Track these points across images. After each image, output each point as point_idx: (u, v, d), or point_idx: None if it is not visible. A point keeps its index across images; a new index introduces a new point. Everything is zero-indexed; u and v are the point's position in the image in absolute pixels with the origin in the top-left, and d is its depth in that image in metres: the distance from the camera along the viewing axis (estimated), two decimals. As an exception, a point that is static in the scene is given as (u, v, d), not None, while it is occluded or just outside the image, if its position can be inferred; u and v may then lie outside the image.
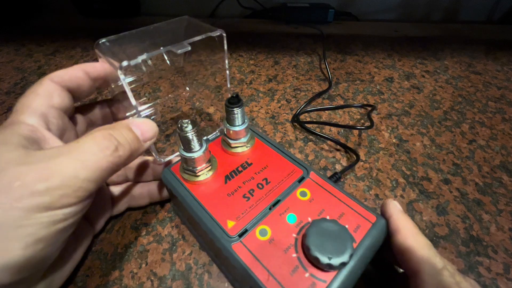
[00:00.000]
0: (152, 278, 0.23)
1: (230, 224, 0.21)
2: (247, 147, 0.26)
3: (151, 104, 0.37)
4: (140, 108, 0.23)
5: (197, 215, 0.21)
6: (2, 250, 0.13)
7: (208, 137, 0.28)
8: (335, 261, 0.17)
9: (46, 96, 0.20)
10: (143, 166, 0.25)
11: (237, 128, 0.25)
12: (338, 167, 0.33)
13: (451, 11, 0.76)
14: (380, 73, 0.52)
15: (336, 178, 0.30)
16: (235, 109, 0.24)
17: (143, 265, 0.23)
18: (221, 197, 0.23)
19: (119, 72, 0.19)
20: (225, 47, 0.26)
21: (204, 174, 0.24)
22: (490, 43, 0.62)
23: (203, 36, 0.24)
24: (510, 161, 0.35)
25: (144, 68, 0.29)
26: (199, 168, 0.23)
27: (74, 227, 0.17)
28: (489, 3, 0.74)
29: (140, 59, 0.20)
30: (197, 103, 0.41)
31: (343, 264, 0.18)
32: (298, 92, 0.46)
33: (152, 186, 0.26)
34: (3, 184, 0.14)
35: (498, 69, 0.53)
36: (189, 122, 0.21)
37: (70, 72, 0.21)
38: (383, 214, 0.21)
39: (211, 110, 0.40)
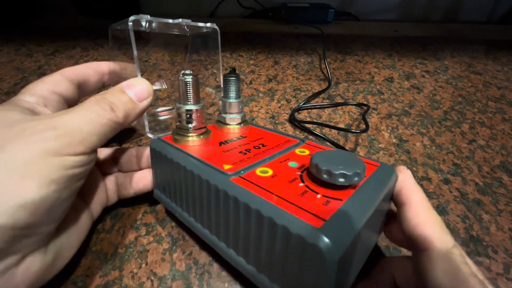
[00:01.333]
0: (152, 278, 0.23)
1: (227, 166, 0.19)
2: (240, 125, 0.27)
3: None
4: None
5: (190, 163, 0.20)
6: (18, 188, 0.14)
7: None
8: (349, 170, 0.16)
9: (50, 83, 0.22)
10: (126, 155, 0.26)
11: (232, 100, 0.26)
12: (338, 167, 0.33)
13: (451, 11, 0.76)
14: (380, 73, 0.52)
15: None
16: (231, 78, 0.26)
17: (143, 265, 0.23)
18: (216, 152, 0.22)
19: (129, 24, 0.22)
20: (219, 41, 0.30)
21: (198, 135, 0.23)
22: (490, 43, 0.62)
23: (200, 24, 0.28)
24: (510, 161, 0.35)
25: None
26: (194, 124, 0.23)
27: (83, 180, 0.18)
28: (489, 3, 0.74)
29: (149, 17, 0.24)
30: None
31: (358, 175, 0.16)
32: (298, 92, 0.46)
33: (135, 175, 0.26)
34: (14, 132, 0.16)
35: (498, 69, 0.53)
36: (191, 72, 0.22)
37: (79, 68, 0.24)
38: (397, 183, 0.20)
39: (210, 110, 0.40)
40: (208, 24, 0.29)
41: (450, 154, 0.36)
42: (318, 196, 0.16)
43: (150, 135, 0.26)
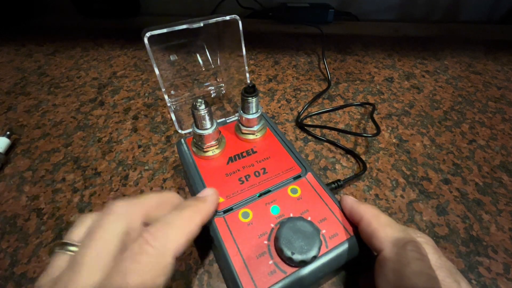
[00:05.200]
0: (152, 278, 0.23)
1: (220, 200, 0.22)
2: (256, 136, 0.27)
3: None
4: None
5: (195, 185, 0.24)
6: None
7: (226, 119, 0.30)
8: (296, 257, 0.18)
9: None
10: None
11: (249, 116, 0.26)
12: (338, 167, 0.33)
13: (451, 11, 0.76)
14: (380, 73, 0.52)
15: (337, 185, 0.29)
16: (250, 98, 0.25)
17: (143, 265, 0.23)
18: (219, 175, 0.25)
19: (145, 40, 0.24)
20: (241, 31, 0.30)
21: (211, 151, 0.26)
22: (490, 43, 0.62)
23: (218, 18, 0.28)
24: (510, 161, 0.35)
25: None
26: (207, 144, 0.25)
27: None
28: (489, 3, 0.74)
29: (165, 29, 0.25)
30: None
31: (304, 263, 0.18)
32: (298, 92, 0.46)
33: None
34: None
35: (498, 69, 0.53)
36: (203, 101, 0.23)
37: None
38: (344, 211, 0.22)
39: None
40: (227, 17, 0.29)
41: (450, 154, 0.36)
42: (270, 262, 0.19)
43: (180, 131, 0.30)
